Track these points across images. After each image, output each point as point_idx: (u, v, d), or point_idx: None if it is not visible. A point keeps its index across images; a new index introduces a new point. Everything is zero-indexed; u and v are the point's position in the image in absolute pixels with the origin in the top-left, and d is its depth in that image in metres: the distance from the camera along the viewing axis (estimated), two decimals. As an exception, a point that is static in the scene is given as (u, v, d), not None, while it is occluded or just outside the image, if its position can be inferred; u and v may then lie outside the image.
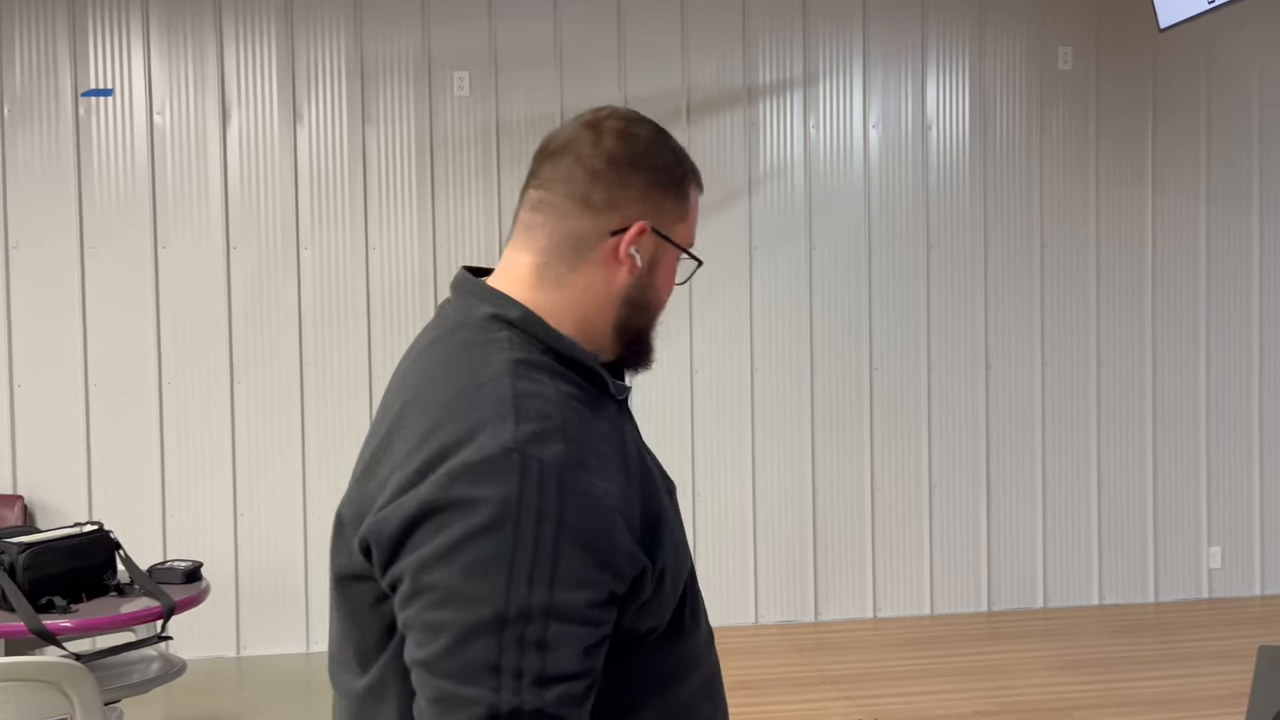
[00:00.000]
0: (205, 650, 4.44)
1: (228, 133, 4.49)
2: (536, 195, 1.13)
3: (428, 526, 0.96)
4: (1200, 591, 5.08)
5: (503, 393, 1.01)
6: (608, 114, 1.14)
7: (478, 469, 0.96)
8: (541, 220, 1.12)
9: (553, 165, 1.13)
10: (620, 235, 1.10)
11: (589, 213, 1.10)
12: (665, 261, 1.16)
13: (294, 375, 4.51)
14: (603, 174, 1.10)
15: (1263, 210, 5.11)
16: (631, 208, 1.11)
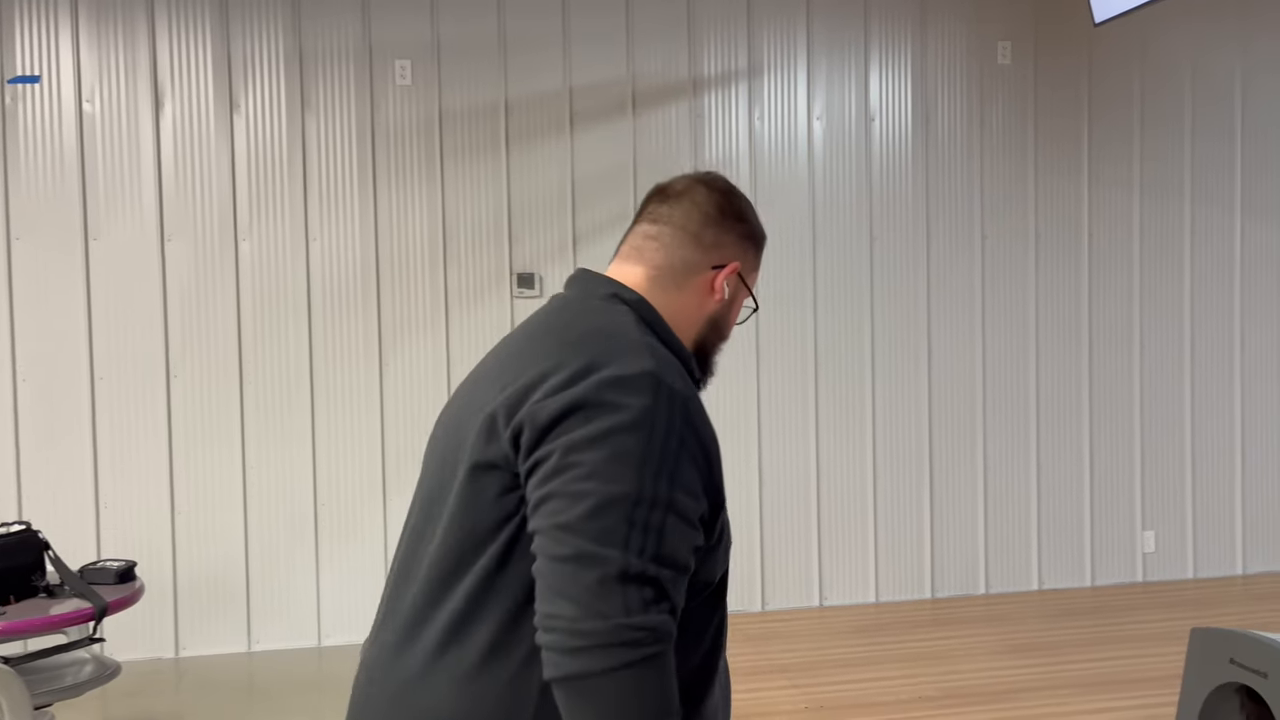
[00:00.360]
0: (142, 652, 4.34)
1: (161, 121, 4.37)
2: (652, 227, 1.39)
3: (578, 417, 1.14)
4: (1135, 575, 5.20)
5: (635, 338, 1.24)
6: (715, 177, 1.43)
7: (623, 381, 1.16)
8: (655, 246, 1.38)
9: (670, 206, 1.39)
10: (719, 270, 1.37)
11: (699, 247, 1.37)
12: (738, 300, 1.42)
13: (233, 369, 4.42)
14: (714, 220, 1.38)
15: (1193, 202, 5.24)
16: (730, 250, 1.38)
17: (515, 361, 1.25)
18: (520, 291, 4.63)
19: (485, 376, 1.29)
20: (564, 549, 1.10)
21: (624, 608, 1.08)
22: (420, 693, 1.20)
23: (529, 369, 1.21)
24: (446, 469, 1.26)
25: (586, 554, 1.09)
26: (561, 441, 1.13)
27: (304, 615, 4.48)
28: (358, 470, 4.52)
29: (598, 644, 1.07)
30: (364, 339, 4.53)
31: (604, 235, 4.69)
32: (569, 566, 1.09)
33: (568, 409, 1.15)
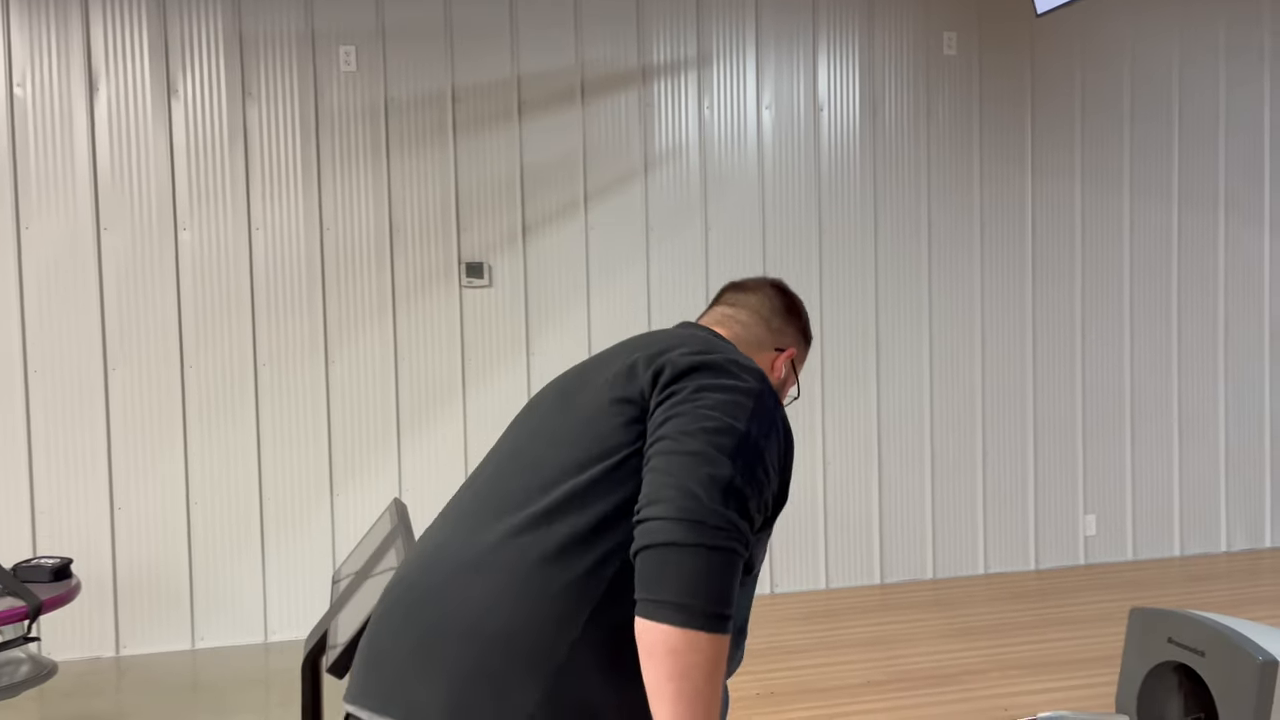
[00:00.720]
0: (81, 651, 4.24)
1: (95, 106, 4.26)
2: (729, 309, 1.67)
3: (707, 371, 1.35)
4: (1077, 558, 5.31)
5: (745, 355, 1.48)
6: (782, 281, 1.73)
7: (742, 365, 1.38)
8: (734, 322, 1.65)
9: (746, 294, 1.68)
10: (781, 352, 1.66)
11: (769, 330, 1.66)
12: (786, 384, 1.67)
13: (174, 362, 4.33)
14: (781, 311, 1.68)
15: (1133, 190, 5.34)
16: (789, 339, 1.68)
17: (645, 339, 1.45)
18: (469, 281, 4.58)
19: (612, 354, 1.46)
20: (686, 447, 1.25)
21: (724, 503, 1.22)
22: (483, 570, 1.29)
23: (661, 343, 1.41)
24: (570, 411, 1.40)
25: (707, 454, 1.24)
26: (693, 381, 1.32)
27: (250, 611, 4.40)
28: (304, 464, 4.45)
29: (697, 520, 1.19)
30: (309, 330, 4.46)
31: (554, 224, 4.66)
32: (689, 459, 1.24)
33: (699, 365, 1.35)
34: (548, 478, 1.33)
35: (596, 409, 1.36)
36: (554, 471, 1.33)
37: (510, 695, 1.23)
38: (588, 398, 1.39)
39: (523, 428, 1.45)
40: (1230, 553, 5.49)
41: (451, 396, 4.60)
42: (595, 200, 4.70)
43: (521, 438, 1.43)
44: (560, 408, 1.42)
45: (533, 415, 1.46)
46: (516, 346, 4.65)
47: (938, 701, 3.59)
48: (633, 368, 1.38)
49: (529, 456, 1.38)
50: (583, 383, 1.42)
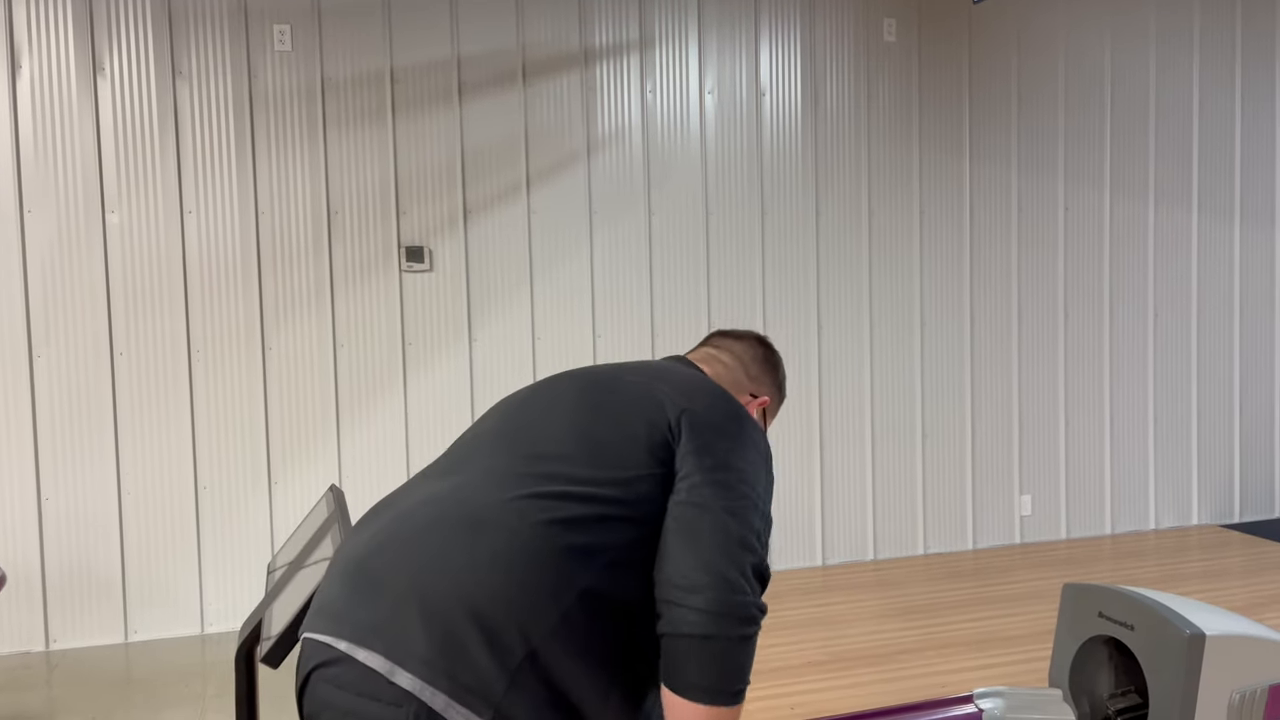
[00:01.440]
0: (9, 645, 4.12)
1: (17, 84, 4.11)
2: (715, 350, 1.76)
3: (731, 433, 1.45)
4: (1013, 537, 5.42)
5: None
6: (765, 337, 1.83)
7: (754, 421, 1.52)
8: (718, 364, 1.74)
9: (731, 341, 1.78)
10: (755, 398, 1.74)
11: (747, 376, 1.75)
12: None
13: (103, 349, 4.21)
14: (761, 361, 1.77)
15: (1067, 176, 5.44)
16: (765, 388, 1.77)
17: (663, 372, 1.56)
18: (409, 265, 4.52)
19: (634, 373, 1.55)
20: (719, 522, 1.34)
21: (755, 588, 1.33)
22: (487, 525, 1.32)
23: (683, 383, 1.52)
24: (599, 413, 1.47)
25: (742, 538, 1.33)
26: (721, 442, 1.43)
27: (185, 603, 4.32)
28: (241, 453, 4.36)
29: (734, 615, 1.29)
30: (245, 316, 4.37)
31: (495, 207, 4.61)
32: (723, 540, 1.32)
33: (725, 423, 1.46)
34: (564, 465, 1.39)
35: (626, 421, 1.44)
36: (569, 462, 1.39)
37: (497, 648, 1.23)
38: (617, 409, 1.46)
39: (535, 408, 1.51)
40: (1159, 530, 5.65)
41: (392, 383, 4.54)
42: (537, 184, 4.66)
43: (535, 415, 1.49)
44: (585, 405, 1.48)
45: (550, 402, 1.51)
46: (458, 332, 4.61)
47: (877, 680, 3.64)
48: (661, 403, 1.47)
49: (547, 437, 1.44)
50: (609, 392, 1.50)
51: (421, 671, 1.21)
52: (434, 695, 1.21)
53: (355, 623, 1.27)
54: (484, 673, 1.22)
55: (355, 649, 1.26)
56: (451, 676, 1.22)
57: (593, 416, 1.46)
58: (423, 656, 1.22)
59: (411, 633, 1.24)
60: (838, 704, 3.44)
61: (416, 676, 1.21)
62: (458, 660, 1.22)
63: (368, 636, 1.25)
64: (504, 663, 1.23)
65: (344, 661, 1.27)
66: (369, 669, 1.24)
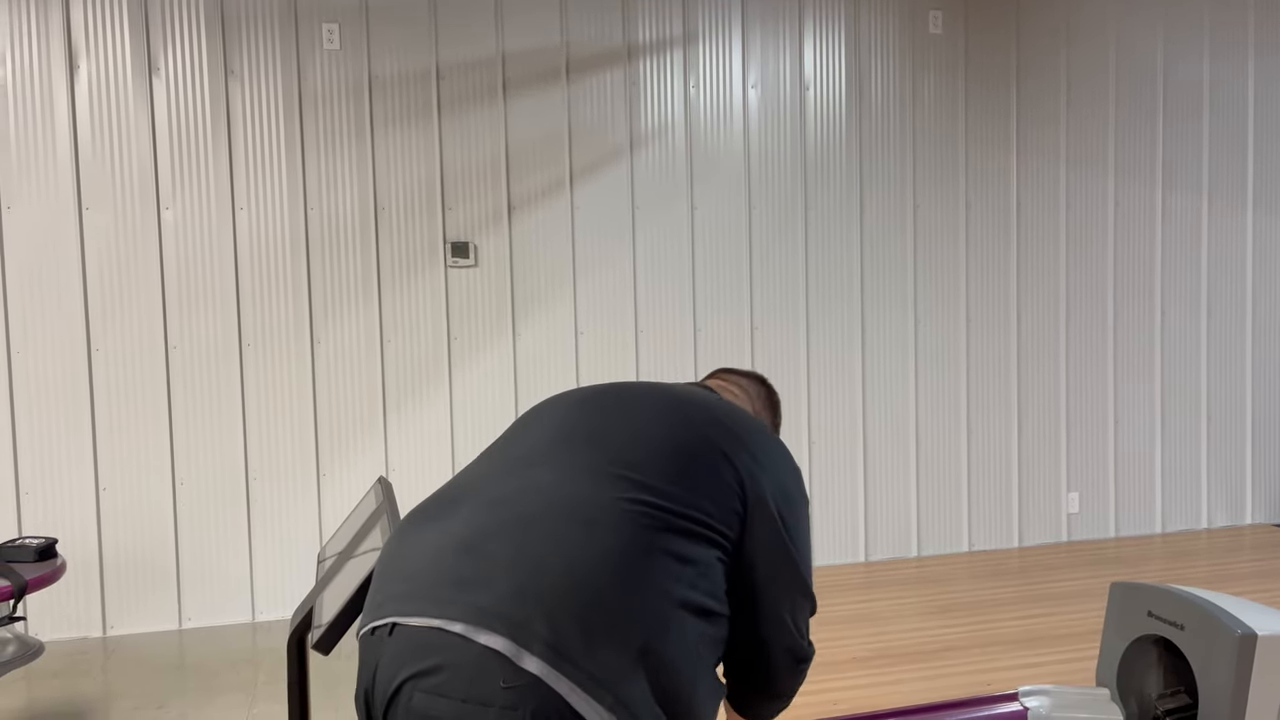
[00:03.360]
0: (68, 631, 4.24)
1: (76, 85, 4.21)
2: (726, 383, 1.85)
3: (794, 495, 1.59)
4: (1060, 535, 5.36)
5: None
6: (765, 378, 1.91)
7: (799, 477, 1.63)
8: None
9: (737, 378, 1.88)
10: None
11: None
12: None
13: (158, 342, 4.31)
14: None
15: (1117, 171, 5.36)
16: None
17: (713, 406, 1.61)
18: (454, 261, 4.57)
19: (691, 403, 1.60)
20: (785, 638, 1.60)
21: (806, 634, 1.65)
22: (599, 524, 1.36)
23: (741, 425, 1.59)
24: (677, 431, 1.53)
25: (797, 648, 1.64)
26: (789, 511, 1.55)
27: (237, 591, 4.41)
28: (290, 444, 4.44)
29: (797, 670, 1.69)
30: (294, 309, 4.44)
31: (539, 203, 4.64)
32: (797, 603, 1.59)
33: (790, 488, 1.57)
34: (659, 479, 1.44)
35: (707, 450, 1.51)
36: (665, 478, 1.45)
37: (617, 639, 1.27)
38: (697, 434, 1.53)
39: (614, 415, 1.55)
40: (1211, 529, 5.55)
41: (437, 376, 4.60)
42: (581, 179, 4.68)
43: (615, 421, 1.53)
44: (667, 423, 1.53)
45: (627, 411, 1.56)
46: (502, 327, 4.65)
47: (920, 677, 3.63)
48: (733, 439, 1.55)
49: (637, 446, 1.48)
50: (685, 415, 1.56)
51: (548, 655, 1.22)
52: (559, 680, 1.22)
53: (472, 605, 1.25)
54: (606, 661, 1.25)
55: (476, 631, 1.23)
56: (576, 663, 1.23)
57: (675, 436, 1.52)
58: (548, 640, 1.23)
59: (535, 618, 1.24)
60: (881, 700, 3.43)
61: (544, 660, 1.22)
62: (582, 648, 1.24)
63: (490, 619, 1.23)
64: (623, 654, 1.26)
65: (446, 668, 1.24)
66: (485, 659, 1.22)
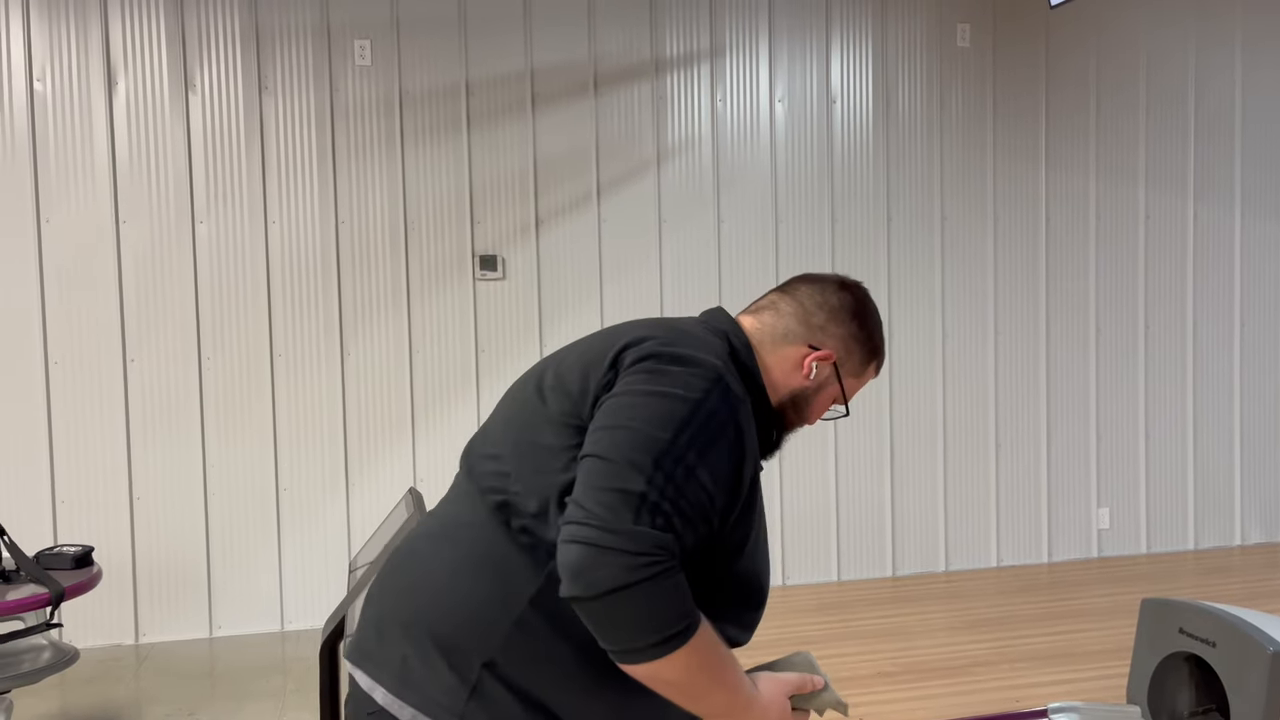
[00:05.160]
0: (102, 639, 4.29)
1: (114, 101, 4.30)
2: (780, 296, 1.50)
3: (649, 363, 1.29)
4: (1090, 551, 5.31)
5: (719, 351, 1.37)
6: (860, 285, 1.53)
7: (695, 361, 1.30)
8: (773, 311, 1.49)
9: (806, 285, 1.50)
10: (814, 350, 1.46)
11: (804, 324, 1.47)
12: (828, 393, 1.49)
13: (191, 353, 4.37)
14: (830, 309, 1.48)
15: (1148, 184, 5.32)
16: (830, 341, 1.47)
17: (617, 333, 1.39)
18: (483, 274, 4.61)
19: (584, 347, 1.40)
20: (597, 471, 1.21)
21: (635, 519, 1.18)
22: (447, 542, 1.36)
23: (629, 333, 1.36)
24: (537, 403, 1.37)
25: (619, 467, 1.21)
26: (628, 379, 1.28)
27: (266, 600, 4.45)
28: (320, 454, 4.49)
29: (611, 547, 1.17)
30: (324, 322, 4.49)
31: (566, 216, 4.67)
32: (606, 467, 1.21)
33: (645, 355, 1.30)
34: (497, 464, 1.35)
35: (561, 390, 1.34)
36: (501, 460, 1.35)
37: (456, 660, 1.29)
38: (550, 397, 1.35)
39: (500, 412, 1.45)
40: (1245, 546, 5.48)
41: (465, 388, 4.63)
42: (608, 193, 4.71)
43: (497, 422, 1.43)
44: (525, 401, 1.39)
45: (510, 400, 1.44)
46: (530, 338, 4.68)
47: (948, 692, 3.60)
48: (585, 373, 1.33)
49: (488, 436, 1.41)
50: (556, 377, 1.37)
51: (392, 686, 1.30)
52: (402, 708, 1.29)
53: (355, 646, 1.39)
54: (446, 685, 1.28)
55: (355, 671, 1.37)
56: (418, 689, 1.29)
57: (525, 402, 1.38)
58: (395, 673, 1.31)
59: (389, 652, 1.33)
60: (908, 715, 3.41)
61: (389, 691, 1.30)
62: (422, 674, 1.29)
63: (362, 659, 1.36)
64: (464, 674, 1.28)
65: (350, 709, 1.39)
66: (357, 695, 1.36)
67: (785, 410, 1.46)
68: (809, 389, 1.46)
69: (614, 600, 1.16)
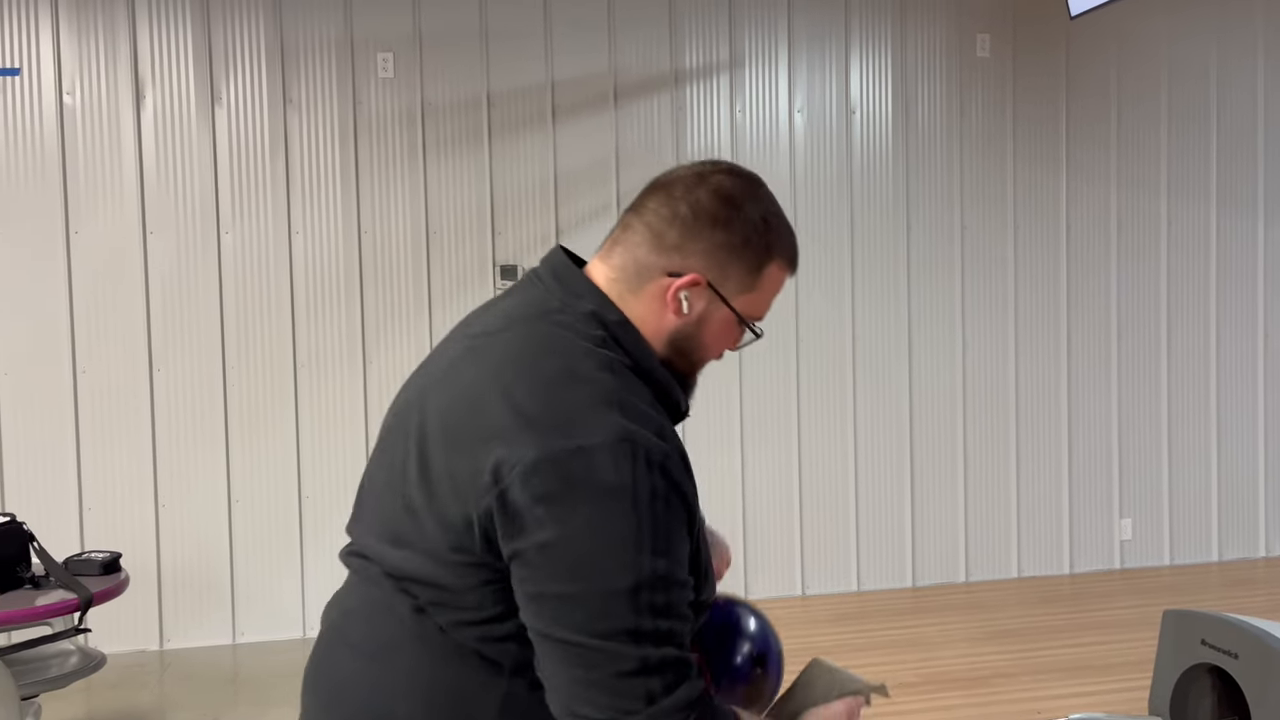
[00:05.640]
0: (126, 644, 4.34)
1: (142, 114, 4.36)
2: (632, 217, 1.23)
3: (555, 504, 1.02)
4: (1113, 562, 5.27)
5: (604, 388, 1.08)
6: (724, 169, 1.21)
7: (595, 455, 1.03)
8: (623, 245, 1.22)
9: (654, 198, 1.22)
10: (675, 278, 1.17)
11: (658, 249, 1.19)
12: (717, 321, 1.21)
13: (215, 363, 4.42)
14: (683, 219, 1.18)
15: (1170, 194, 5.30)
16: (695, 260, 1.18)
17: (474, 413, 1.09)
18: (504, 283, 4.64)
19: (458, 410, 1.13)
20: (574, 660, 1.02)
21: (647, 695, 1.01)
22: (378, 658, 1.21)
23: (490, 441, 1.06)
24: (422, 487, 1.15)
25: (598, 660, 1.02)
26: (537, 528, 1.02)
27: (289, 607, 4.49)
28: (342, 463, 4.53)
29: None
30: (347, 331, 4.54)
31: (587, 227, 4.70)
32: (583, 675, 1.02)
33: (540, 494, 1.02)
34: (415, 559, 1.13)
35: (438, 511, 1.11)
36: (419, 554, 1.13)
37: None
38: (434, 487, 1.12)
39: (383, 473, 1.26)
40: (1270, 558, 5.42)
41: (486, 397, 4.66)
42: (628, 203, 4.73)
43: (386, 487, 1.25)
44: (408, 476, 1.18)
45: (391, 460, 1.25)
46: (550, 348, 4.70)
47: (969, 704, 3.59)
48: (457, 488, 1.08)
49: (394, 516, 1.18)
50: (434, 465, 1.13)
51: None
52: None
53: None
54: None
55: None
56: None
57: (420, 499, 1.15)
58: None
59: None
60: (928, 726, 3.40)
61: None
62: None
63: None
64: None
65: None
66: None
67: (673, 362, 1.20)
68: (688, 326, 1.19)
69: None
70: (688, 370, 1.23)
